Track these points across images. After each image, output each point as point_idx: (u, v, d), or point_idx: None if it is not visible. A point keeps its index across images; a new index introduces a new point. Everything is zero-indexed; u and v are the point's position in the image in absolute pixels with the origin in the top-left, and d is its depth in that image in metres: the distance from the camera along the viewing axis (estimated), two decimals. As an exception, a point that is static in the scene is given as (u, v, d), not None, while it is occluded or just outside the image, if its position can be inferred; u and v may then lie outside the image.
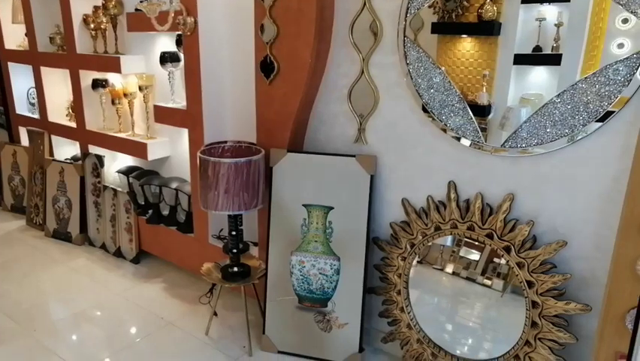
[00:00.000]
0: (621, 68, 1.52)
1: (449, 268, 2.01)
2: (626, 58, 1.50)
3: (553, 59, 1.63)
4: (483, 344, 1.97)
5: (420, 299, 2.09)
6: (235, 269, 2.33)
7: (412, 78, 1.93)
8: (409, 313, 2.10)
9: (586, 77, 1.57)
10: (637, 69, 1.49)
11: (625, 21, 1.51)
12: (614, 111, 1.56)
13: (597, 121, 1.59)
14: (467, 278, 1.98)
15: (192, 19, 2.39)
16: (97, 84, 3.14)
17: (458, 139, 1.89)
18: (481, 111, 1.81)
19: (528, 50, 1.67)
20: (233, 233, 2.28)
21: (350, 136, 2.20)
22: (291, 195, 2.22)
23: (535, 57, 1.67)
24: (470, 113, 1.83)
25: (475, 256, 1.94)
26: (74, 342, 2.40)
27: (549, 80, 1.67)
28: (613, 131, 1.59)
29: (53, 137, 3.60)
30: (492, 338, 1.94)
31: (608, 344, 1.61)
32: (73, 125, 3.38)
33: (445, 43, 1.86)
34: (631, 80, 1.51)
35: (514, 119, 1.74)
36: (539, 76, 1.70)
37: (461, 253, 1.98)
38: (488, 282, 1.92)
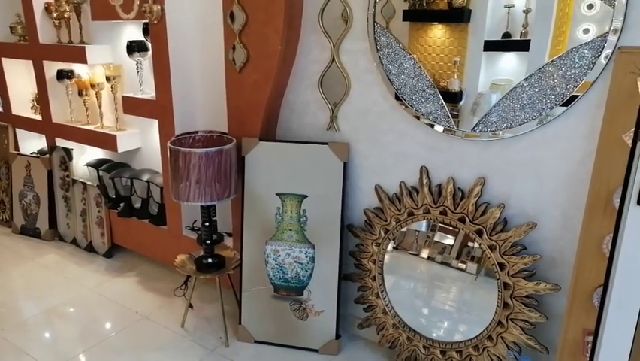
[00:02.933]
0: (586, 52, 1.54)
1: (424, 254, 2.04)
2: (591, 41, 1.53)
3: (522, 45, 1.65)
4: (458, 327, 2.00)
5: (396, 285, 2.11)
6: (209, 260, 2.31)
7: (382, 64, 1.93)
8: (384, 298, 2.11)
9: (552, 60, 1.59)
10: (601, 53, 1.52)
11: (590, 7, 1.53)
12: (578, 95, 1.59)
13: (562, 105, 1.62)
14: (442, 263, 2.00)
15: (159, 7, 2.33)
16: (62, 75, 3.05)
17: (430, 125, 1.90)
18: (453, 98, 1.83)
19: (498, 37, 1.69)
20: (207, 224, 2.26)
21: (322, 124, 2.19)
22: (264, 184, 2.21)
23: (505, 43, 1.69)
24: (441, 98, 1.84)
25: (449, 240, 1.97)
26: (46, 340, 2.35)
27: (518, 66, 1.69)
28: (579, 114, 1.62)
29: (18, 130, 3.48)
30: (467, 321, 1.98)
31: (576, 321, 1.65)
32: (39, 117, 3.28)
33: (417, 30, 1.86)
34: (595, 63, 1.54)
35: (484, 104, 1.76)
36: (509, 62, 1.72)
37: (436, 238, 2.00)
38: (463, 266, 1.95)
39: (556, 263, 1.78)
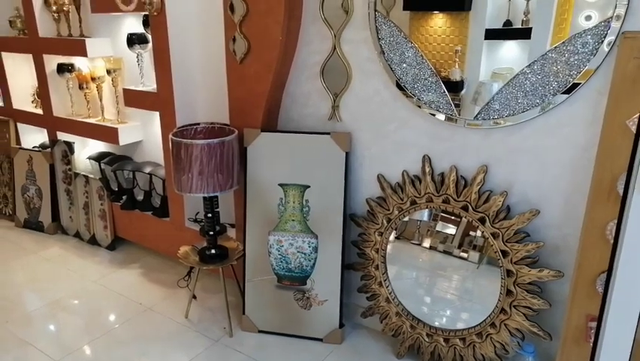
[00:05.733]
0: (589, 38, 1.53)
1: (426, 243, 2.04)
2: (594, 27, 1.52)
3: (524, 33, 1.64)
4: (460, 315, 2.01)
5: (398, 274, 2.12)
6: (212, 251, 2.31)
7: (384, 53, 1.92)
8: (387, 287, 2.12)
9: (555, 47, 1.59)
10: (604, 39, 1.51)
11: (593, -7, 1.52)
12: (581, 82, 1.58)
13: (565, 92, 1.61)
14: (444, 252, 2.01)
15: (159, -2, 2.32)
16: (62, 69, 3.04)
17: (432, 114, 1.90)
18: (454, 87, 1.82)
19: (499, 25, 1.68)
20: (209, 215, 2.26)
21: (324, 114, 2.19)
22: (266, 175, 2.21)
23: (506, 32, 1.68)
24: (443, 87, 1.83)
25: (451, 230, 1.97)
26: (50, 332, 2.36)
27: (520, 55, 1.68)
28: (582, 100, 1.61)
29: (19, 124, 3.48)
30: (469, 308, 1.99)
31: (579, 307, 1.66)
32: (40, 111, 3.28)
33: (417, 19, 1.85)
34: (598, 49, 1.53)
35: (486, 93, 1.76)
36: (510, 50, 1.71)
37: (438, 228, 2.01)
38: (464, 254, 1.96)
39: (560, 250, 1.79)
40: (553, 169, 1.73)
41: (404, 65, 1.89)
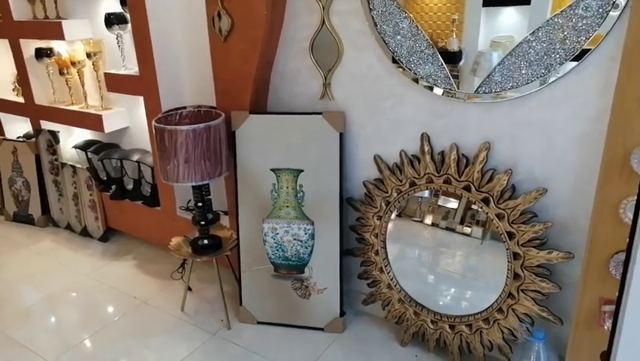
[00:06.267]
0: (593, 2, 1.40)
1: (428, 220, 1.95)
2: (604, -13, 1.38)
3: None
4: (465, 294, 1.92)
5: (400, 254, 2.03)
6: (205, 242, 2.22)
7: (376, 25, 1.79)
8: (388, 273, 2.03)
9: (562, 11, 1.45)
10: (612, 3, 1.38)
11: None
12: (590, 49, 1.46)
13: (573, 60, 1.48)
14: (446, 228, 1.92)
15: (134, -25, 2.17)
16: (41, 54, 2.90)
17: (430, 88, 1.77)
18: (452, 58, 1.71)
19: None
20: (200, 205, 2.16)
21: (315, 93, 2.06)
22: (257, 159, 2.09)
23: None
24: (440, 58, 1.71)
25: (453, 204, 1.87)
26: (43, 329, 2.28)
27: (519, 21, 1.57)
28: (591, 68, 1.49)
29: (1, 114, 3.35)
30: (475, 287, 1.90)
31: (592, 290, 1.56)
32: (22, 100, 3.15)
33: (411, -13, 1.72)
34: (608, 11, 1.40)
35: (485, 63, 1.65)
36: (509, 17, 1.60)
37: (440, 203, 1.91)
38: (468, 230, 1.86)
39: (569, 230, 1.68)
40: (562, 144, 1.61)
41: (398, 37, 1.76)
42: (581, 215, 1.64)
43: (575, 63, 1.49)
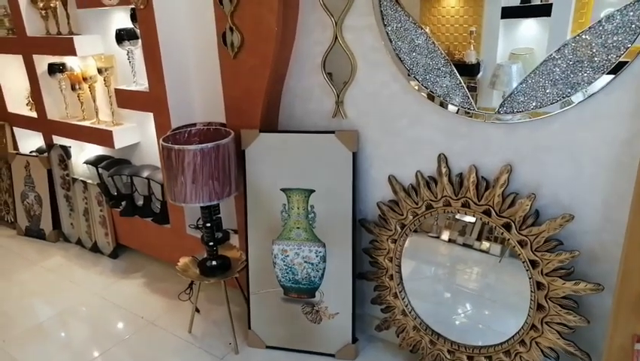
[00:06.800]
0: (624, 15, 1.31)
1: (445, 236, 1.85)
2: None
3: (543, 10, 1.47)
4: (483, 316, 1.82)
5: (415, 272, 1.93)
6: (213, 263, 2.15)
7: (391, 41, 1.71)
8: (402, 299, 1.93)
9: (590, 27, 1.36)
10: (649, 14, 1.28)
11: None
12: (622, 65, 1.36)
13: (602, 79, 1.39)
14: (464, 245, 1.83)
15: (144, -10, 2.13)
16: (54, 69, 2.89)
17: (447, 107, 1.69)
18: (470, 71, 1.64)
19: (516, 2, 1.51)
20: (208, 225, 2.09)
21: (327, 110, 1.99)
22: (267, 179, 2.02)
23: (524, 9, 1.51)
24: (459, 77, 1.62)
25: (470, 218, 1.77)
26: (46, 353, 2.22)
27: (540, 33, 1.50)
28: (622, 88, 1.39)
29: (16, 129, 3.35)
30: (492, 308, 1.80)
31: (625, 326, 1.44)
32: (35, 115, 3.14)
33: (429, 1, 1.64)
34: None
35: (504, 76, 1.57)
36: (529, 29, 1.53)
37: (457, 217, 1.81)
38: (486, 245, 1.77)
39: (598, 258, 1.57)
40: (589, 167, 1.51)
41: (414, 53, 1.68)
42: (611, 243, 1.53)
43: (605, 82, 1.39)
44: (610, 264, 1.54)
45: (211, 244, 2.13)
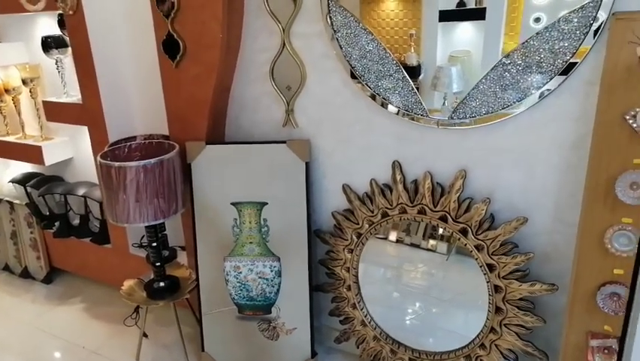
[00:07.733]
0: (576, 17, 1.34)
1: (392, 236, 1.84)
2: (580, 7, 1.32)
3: (478, 14, 1.51)
4: (443, 325, 1.82)
5: (367, 275, 1.90)
6: (161, 284, 2.03)
7: (341, 47, 1.67)
8: (361, 309, 1.90)
9: (538, 33, 1.38)
10: (593, 22, 1.32)
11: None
12: (568, 70, 1.39)
13: (549, 83, 1.42)
14: (411, 245, 1.83)
15: (73, -5, 1.98)
16: (-29, 80, 2.63)
17: (399, 113, 1.67)
18: (412, 73, 1.65)
19: (452, 6, 1.53)
20: (154, 245, 1.97)
21: (277, 120, 1.93)
22: (216, 193, 1.93)
23: (460, 12, 1.54)
24: (411, 83, 1.61)
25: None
26: (-24, 393, 2.02)
27: (476, 36, 1.53)
28: (569, 93, 1.42)
29: None
30: (447, 306, 1.80)
31: (579, 323, 1.48)
32: (-50, 131, 2.85)
33: (368, 4, 1.64)
34: (587, 33, 1.34)
35: (445, 78, 1.60)
36: (466, 32, 1.56)
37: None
38: (432, 244, 1.77)
39: (551, 259, 1.61)
40: (541, 170, 1.54)
41: (365, 60, 1.65)
42: (563, 243, 1.57)
43: (553, 86, 1.42)
44: (562, 264, 1.58)
45: (158, 264, 2.00)
